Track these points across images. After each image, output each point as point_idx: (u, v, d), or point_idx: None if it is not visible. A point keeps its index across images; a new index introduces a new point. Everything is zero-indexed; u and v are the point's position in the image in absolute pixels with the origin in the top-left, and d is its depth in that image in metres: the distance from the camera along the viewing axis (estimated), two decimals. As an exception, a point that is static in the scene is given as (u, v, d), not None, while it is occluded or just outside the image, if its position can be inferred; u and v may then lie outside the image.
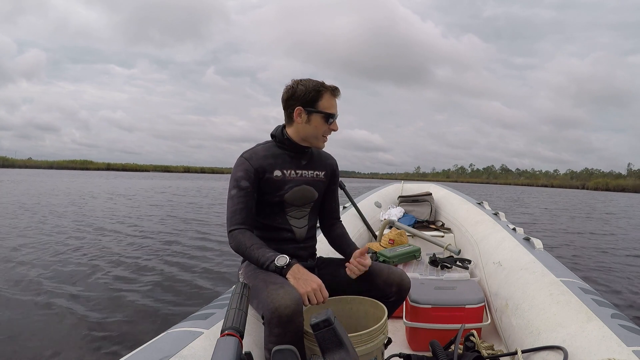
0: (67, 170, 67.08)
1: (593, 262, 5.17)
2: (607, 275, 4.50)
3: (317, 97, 1.37)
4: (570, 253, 5.76)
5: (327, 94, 1.38)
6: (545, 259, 1.77)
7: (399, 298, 1.45)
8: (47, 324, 2.68)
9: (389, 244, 2.61)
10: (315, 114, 1.38)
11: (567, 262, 4.80)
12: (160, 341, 1.08)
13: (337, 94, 1.41)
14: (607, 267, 4.93)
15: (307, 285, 1.21)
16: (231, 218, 1.35)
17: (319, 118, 1.38)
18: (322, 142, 1.44)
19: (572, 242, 6.85)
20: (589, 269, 4.74)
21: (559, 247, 6.18)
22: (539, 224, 9.52)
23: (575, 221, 10.77)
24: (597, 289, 1.77)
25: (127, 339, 2.49)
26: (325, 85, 1.39)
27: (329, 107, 1.39)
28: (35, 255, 4.51)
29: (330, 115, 1.39)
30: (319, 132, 1.40)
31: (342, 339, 0.96)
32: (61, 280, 3.62)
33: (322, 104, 1.38)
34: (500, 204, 16.20)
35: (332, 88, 1.40)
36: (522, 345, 1.31)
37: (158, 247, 5.25)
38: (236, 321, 0.85)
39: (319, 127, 1.39)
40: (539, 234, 6.91)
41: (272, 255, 1.28)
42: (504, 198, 22.06)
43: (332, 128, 1.42)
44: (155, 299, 3.23)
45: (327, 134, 1.43)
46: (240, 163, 1.39)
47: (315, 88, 1.37)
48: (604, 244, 6.86)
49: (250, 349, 1.19)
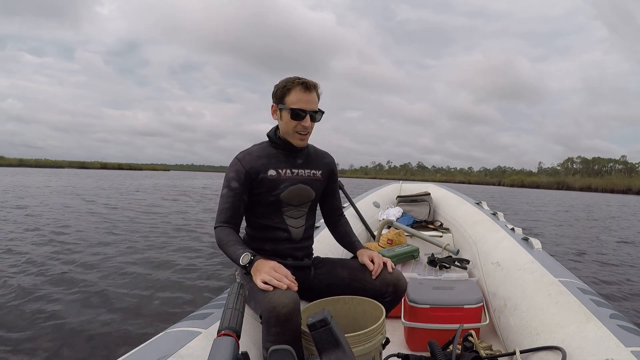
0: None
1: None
2: (607, 275, 4.51)
3: (286, 92, 1.35)
4: (564, 251, 5.79)
5: (297, 89, 1.34)
6: (544, 259, 1.77)
7: (395, 298, 1.45)
8: (46, 323, 2.67)
9: (387, 244, 2.61)
10: (284, 110, 1.36)
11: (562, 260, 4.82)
12: (159, 341, 1.08)
13: (310, 89, 1.35)
14: (603, 266, 4.95)
15: (263, 272, 1.19)
16: (218, 216, 1.39)
17: (286, 114, 1.36)
18: (296, 139, 1.39)
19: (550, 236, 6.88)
20: (585, 269, 4.76)
21: (557, 247, 6.20)
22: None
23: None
24: (596, 290, 1.77)
25: (126, 338, 2.49)
26: (295, 81, 1.34)
27: (296, 102, 1.34)
28: (37, 255, 4.50)
29: (297, 111, 1.34)
30: (290, 129, 1.38)
31: (338, 339, 0.96)
32: (58, 279, 3.62)
33: (289, 99, 1.35)
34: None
35: (302, 82, 1.34)
36: (520, 346, 1.31)
37: (157, 246, 5.24)
38: (233, 321, 0.85)
39: (289, 123, 1.37)
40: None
41: (240, 253, 1.26)
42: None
43: (302, 124, 1.36)
44: (154, 298, 3.22)
45: (301, 131, 1.38)
46: (233, 164, 1.41)
47: (284, 84, 1.35)
48: (587, 243, 6.88)
49: (248, 349, 1.19)
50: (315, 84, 1.37)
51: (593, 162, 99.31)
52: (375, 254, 1.49)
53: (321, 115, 1.42)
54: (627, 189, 46.09)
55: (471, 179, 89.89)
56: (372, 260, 1.46)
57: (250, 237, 1.49)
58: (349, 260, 1.58)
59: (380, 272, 1.44)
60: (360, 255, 1.51)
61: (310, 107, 1.36)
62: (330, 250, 2.03)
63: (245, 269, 1.25)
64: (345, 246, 1.65)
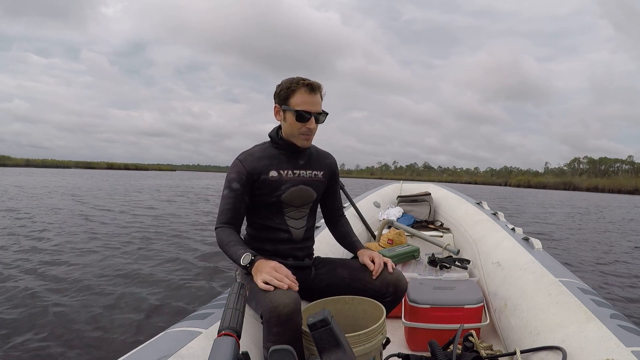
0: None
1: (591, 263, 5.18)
2: (607, 275, 4.50)
3: (290, 94, 1.34)
4: (567, 252, 5.78)
5: (301, 90, 1.33)
6: (544, 259, 1.77)
7: (396, 298, 1.45)
8: (45, 323, 2.67)
9: (387, 244, 2.61)
10: (288, 111, 1.35)
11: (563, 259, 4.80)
12: (159, 341, 1.08)
13: (315, 90, 1.35)
14: (603, 266, 4.94)
15: (263, 272, 1.19)
16: (219, 216, 1.39)
17: (291, 116, 1.35)
18: (300, 140, 1.39)
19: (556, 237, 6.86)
20: (586, 269, 4.75)
21: (557, 247, 6.19)
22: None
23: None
24: (597, 290, 1.77)
25: (126, 338, 2.49)
26: (300, 82, 1.34)
27: (301, 104, 1.33)
28: (39, 255, 4.50)
29: (301, 113, 1.34)
30: (294, 130, 1.37)
31: (339, 339, 0.96)
32: (57, 279, 3.62)
33: (293, 101, 1.34)
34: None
35: (307, 84, 1.34)
36: (521, 346, 1.31)
37: (157, 246, 5.24)
38: (233, 321, 0.85)
39: (293, 125, 1.36)
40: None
41: (241, 253, 1.26)
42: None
43: (307, 126, 1.36)
44: (154, 298, 3.22)
45: (305, 132, 1.37)
46: (234, 165, 1.41)
47: (288, 85, 1.34)
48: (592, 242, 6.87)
49: (249, 349, 1.19)
50: (319, 85, 1.37)
51: (600, 162, 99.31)
52: (375, 254, 1.49)
53: (325, 117, 1.41)
54: (634, 190, 45.75)
55: (477, 179, 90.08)
56: (373, 261, 1.46)
57: (251, 237, 1.49)
58: (349, 260, 1.58)
59: (380, 272, 1.44)
60: (361, 255, 1.51)
61: (315, 109, 1.36)
62: (330, 251, 2.03)
63: (246, 269, 1.25)
64: (345, 246, 1.65)
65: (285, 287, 1.17)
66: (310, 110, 1.35)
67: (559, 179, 67.72)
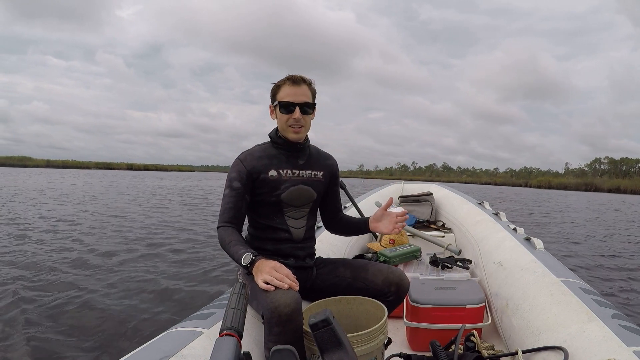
0: (5, 168, 62.69)
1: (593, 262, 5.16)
2: (608, 275, 4.49)
3: (277, 90, 1.40)
4: (570, 252, 5.75)
5: (286, 84, 1.38)
6: (546, 259, 1.76)
7: (398, 298, 1.45)
8: (45, 323, 2.68)
9: (389, 244, 2.60)
10: (277, 106, 1.40)
11: (567, 261, 4.79)
12: (161, 341, 1.08)
13: (298, 82, 1.38)
14: (607, 267, 4.92)
15: (264, 272, 1.19)
16: (220, 216, 1.40)
17: (278, 109, 1.39)
18: (290, 132, 1.41)
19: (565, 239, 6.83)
20: (590, 269, 4.73)
21: (558, 247, 6.17)
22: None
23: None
24: (598, 289, 1.76)
25: (127, 338, 2.50)
26: (285, 78, 1.39)
27: (284, 97, 1.38)
28: (39, 255, 4.52)
29: (284, 103, 1.37)
30: (283, 124, 1.40)
31: (340, 339, 0.96)
32: (57, 279, 3.63)
33: (280, 95, 1.39)
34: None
35: (290, 77, 1.39)
36: (522, 346, 1.31)
37: (157, 246, 5.25)
38: (235, 321, 0.85)
39: (281, 118, 1.40)
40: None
41: (242, 253, 1.27)
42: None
43: (292, 117, 1.37)
44: (155, 298, 3.23)
45: (293, 124, 1.39)
46: (235, 164, 1.42)
47: (277, 82, 1.40)
48: (600, 243, 6.84)
49: (250, 349, 1.19)
50: (303, 78, 1.39)
51: (621, 162, 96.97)
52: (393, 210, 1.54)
53: (313, 108, 1.42)
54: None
55: (497, 180, 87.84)
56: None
57: (253, 236, 1.49)
58: (351, 260, 1.58)
59: (383, 272, 1.45)
60: (373, 217, 1.55)
61: (299, 99, 1.37)
62: (332, 251, 2.04)
63: (247, 269, 1.25)
64: (354, 231, 1.66)
65: (286, 287, 1.17)
66: (294, 100, 1.37)
67: (580, 179, 66.17)
